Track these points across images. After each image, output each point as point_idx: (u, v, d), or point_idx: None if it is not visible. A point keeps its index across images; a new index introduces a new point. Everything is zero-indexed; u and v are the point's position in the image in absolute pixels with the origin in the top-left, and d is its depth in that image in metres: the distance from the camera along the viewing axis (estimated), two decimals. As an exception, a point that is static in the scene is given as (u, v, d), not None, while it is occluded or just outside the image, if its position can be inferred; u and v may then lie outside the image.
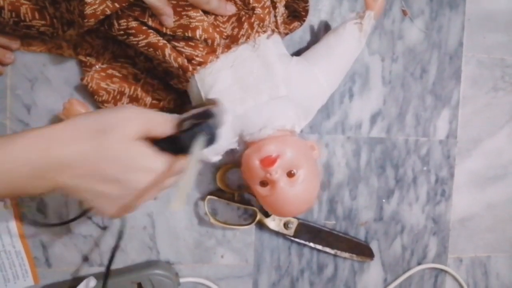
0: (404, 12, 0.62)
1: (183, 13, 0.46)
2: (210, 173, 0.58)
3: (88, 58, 0.53)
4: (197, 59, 0.47)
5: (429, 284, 0.66)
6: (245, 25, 0.48)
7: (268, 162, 0.47)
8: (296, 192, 0.48)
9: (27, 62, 0.53)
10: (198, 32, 0.46)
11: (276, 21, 0.51)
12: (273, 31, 0.50)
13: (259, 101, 0.48)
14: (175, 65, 0.47)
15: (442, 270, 0.67)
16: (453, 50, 0.64)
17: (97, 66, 0.52)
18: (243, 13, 0.48)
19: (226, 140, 0.49)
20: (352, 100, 0.61)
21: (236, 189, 0.58)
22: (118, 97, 0.52)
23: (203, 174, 0.58)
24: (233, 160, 0.57)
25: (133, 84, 0.53)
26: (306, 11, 0.54)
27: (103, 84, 0.52)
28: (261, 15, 0.48)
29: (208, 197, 0.57)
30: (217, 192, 0.58)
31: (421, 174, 0.64)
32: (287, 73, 0.49)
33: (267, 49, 0.49)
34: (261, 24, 0.49)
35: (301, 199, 0.49)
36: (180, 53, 0.47)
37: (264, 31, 0.49)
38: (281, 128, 0.49)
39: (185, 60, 0.47)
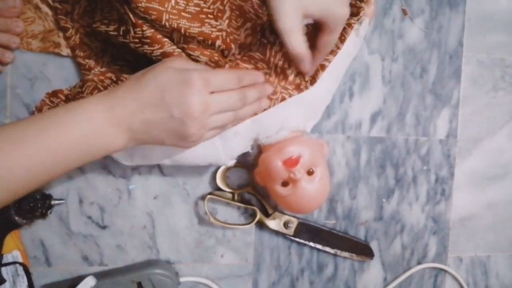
0: (404, 12, 0.62)
1: (205, 20, 0.46)
2: (210, 172, 0.58)
3: (86, 60, 0.52)
4: (212, 66, 0.48)
5: (429, 283, 0.66)
6: (258, 35, 0.49)
7: (291, 163, 0.49)
8: (315, 189, 0.51)
9: (27, 62, 0.53)
10: (218, 43, 0.47)
11: None
12: None
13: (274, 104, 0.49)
14: None
15: (442, 269, 0.67)
16: (453, 50, 0.64)
17: (96, 70, 0.52)
18: (256, 19, 0.49)
19: (242, 144, 0.51)
20: (352, 99, 0.61)
21: (236, 189, 0.58)
22: None
23: (203, 174, 0.58)
24: (241, 161, 0.57)
25: None
26: None
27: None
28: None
29: (208, 196, 0.57)
30: (217, 192, 0.58)
31: (421, 174, 0.64)
32: None
33: None
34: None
35: (319, 195, 0.52)
36: (195, 61, 0.48)
37: None
38: (295, 129, 0.51)
39: None
